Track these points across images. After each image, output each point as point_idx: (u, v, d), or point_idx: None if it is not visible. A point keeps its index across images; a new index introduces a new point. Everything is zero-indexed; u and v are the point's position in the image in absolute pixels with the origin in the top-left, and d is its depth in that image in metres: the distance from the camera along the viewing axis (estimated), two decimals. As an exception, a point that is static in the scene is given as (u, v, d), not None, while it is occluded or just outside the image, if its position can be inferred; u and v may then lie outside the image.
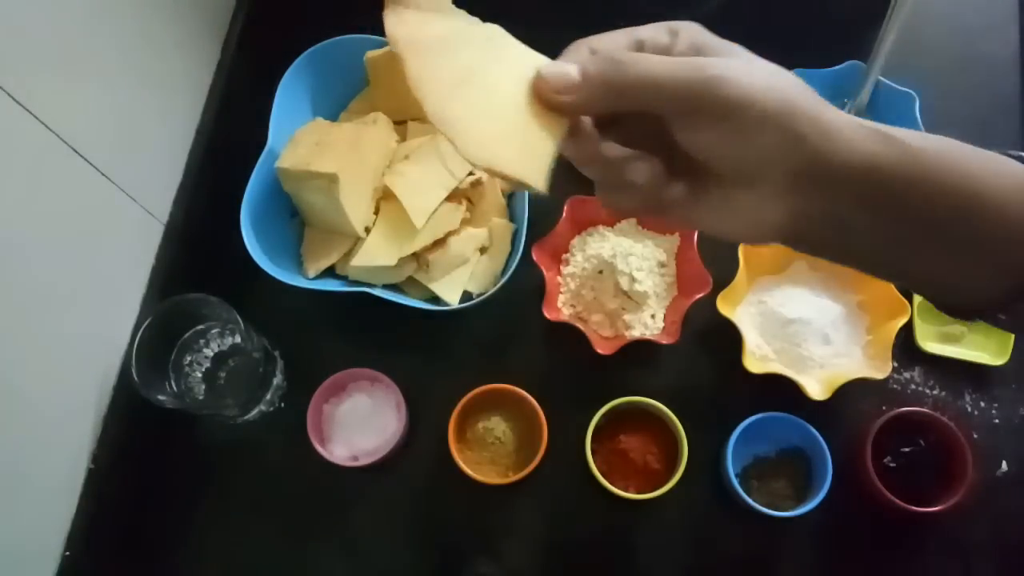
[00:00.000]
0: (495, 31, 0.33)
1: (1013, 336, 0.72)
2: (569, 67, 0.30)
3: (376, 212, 0.71)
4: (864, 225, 0.30)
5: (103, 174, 0.64)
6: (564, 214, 0.74)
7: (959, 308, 0.33)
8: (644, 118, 0.31)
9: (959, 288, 0.32)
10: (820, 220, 0.31)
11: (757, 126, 0.28)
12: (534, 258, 0.72)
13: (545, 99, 0.31)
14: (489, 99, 0.30)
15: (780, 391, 0.69)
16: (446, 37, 0.31)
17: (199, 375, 0.68)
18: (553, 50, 0.32)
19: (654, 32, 0.32)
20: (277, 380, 0.72)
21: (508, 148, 0.30)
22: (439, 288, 0.71)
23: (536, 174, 0.30)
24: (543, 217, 0.73)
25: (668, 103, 0.29)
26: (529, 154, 0.30)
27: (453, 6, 0.32)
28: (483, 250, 0.74)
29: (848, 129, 0.29)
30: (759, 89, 0.28)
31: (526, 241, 0.71)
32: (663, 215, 0.32)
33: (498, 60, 0.31)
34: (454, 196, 0.71)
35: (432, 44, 0.30)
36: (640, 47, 0.32)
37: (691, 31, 0.32)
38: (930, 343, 0.74)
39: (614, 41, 0.32)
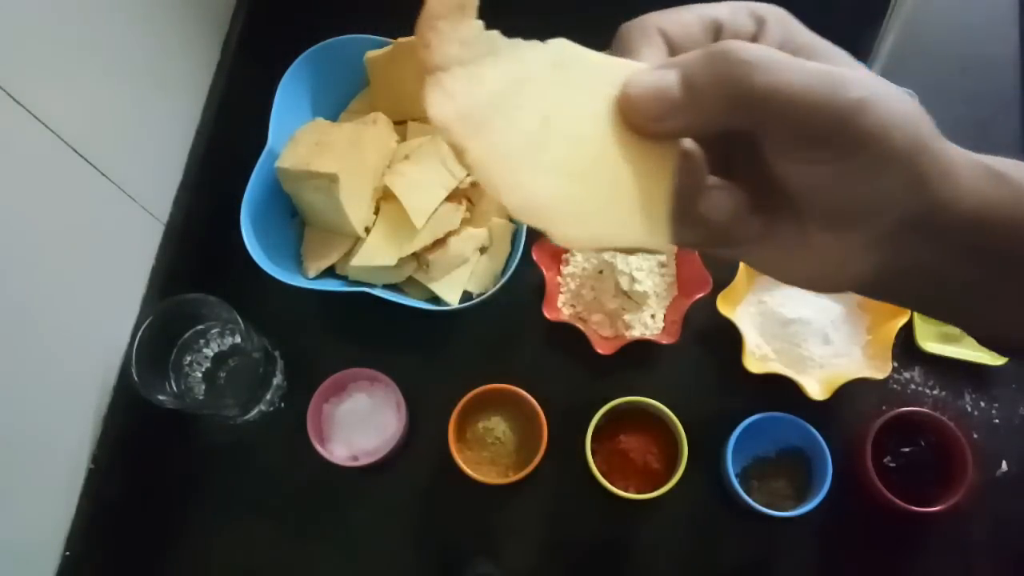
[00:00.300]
0: (561, 49, 0.24)
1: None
2: (665, 77, 0.23)
3: (376, 212, 0.71)
4: (963, 277, 0.26)
5: (103, 174, 0.64)
6: (564, 214, 0.74)
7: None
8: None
9: None
10: (912, 272, 0.26)
11: (884, 164, 0.22)
12: (534, 258, 0.72)
13: (639, 129, 0.23)
14: (575, 153, 0.23)
15: (780, 391, 0.69)
16: (505, 89, 0.23)
17: (199, 375, 0.69)
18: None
19: (732, 14, 0.25)
20: (277, 380, 0.72)
21: (615, 213, 0.23)
22: (439, 288, 0.71)
23: (656, 234, 0.23)
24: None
25: (794, 126, 0.22)
26: (642, 211, 0.23)
27: (504, 38, 0.24)
28: (483, 250, 0.74)
29: (965, 168, 0.24)
30: (895, 119, 0.22)
31: (526, 241, 0.71)
32: (722, 254, 0.27)
33: (575, 90, 0.24)
34: (454, 196, 0.71)
35: (491, 108, 0.23)
36: (716, 32, 0.25)
37: (781, 20, 0.25)
38: (930, 343, 0.74)
39: (684, 23, 0.25)
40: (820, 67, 0.22)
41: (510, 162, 0.22)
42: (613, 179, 0.23)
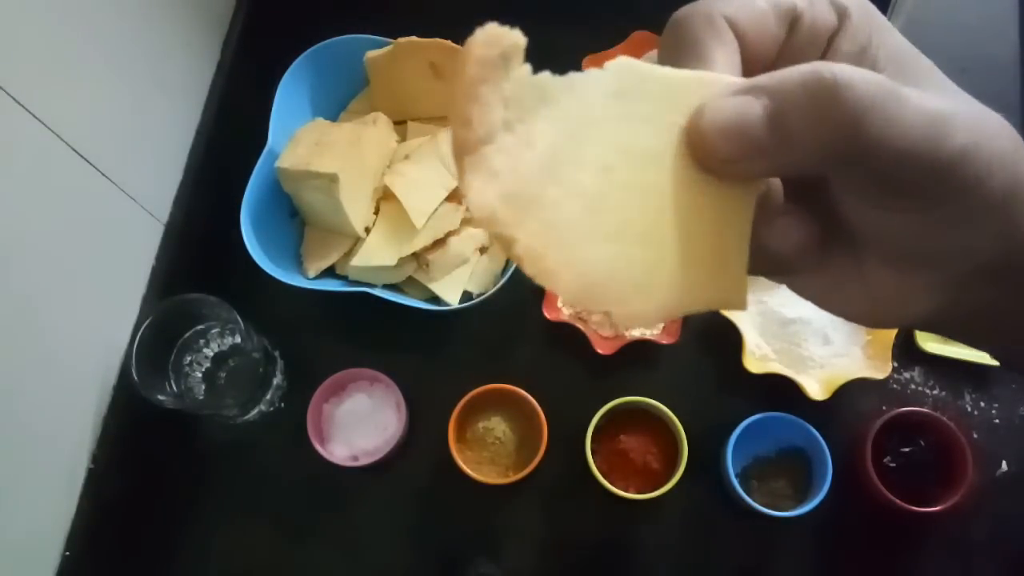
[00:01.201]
0: (623, 72, 0.19)
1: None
2: (748, 110, 0.18)
3: (376, 212, 0.71)
4: None
5: (103, 174, 0.64)
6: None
7: None
8: None
9: None
10: (979, 313, 0.23)
11: (977, 214, 0.20)
12: (534, 258, 0.72)
13: (712, 170, 0.19)
14: (638, 208, 0.19)
15: (780, 391, 0.69)
16: (558, 143, 0.18)
17: (199, 375, 0.69)
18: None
19: (810, 3, 0.21)
20: (277, 380, 0.72)
21: (685, 276, 0.19)
22: (439, 288, 0.71)
23: (734, 292, 0.20)
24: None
25: (886, 176, 0.19)
26: (716, 268, 0.20)
27: (556, 77, 0.19)
28: (483, 250, 0.74)
29: None
30: (994, 165, 0.19)
31: (526, 241, 0.71)
32: (769, 279, 0.24)
33: (639, 125, 0.19)
34: (454, 196, 0.71)
35: (542, 175, 0.18)
36: (792, 24, 0.21)
37: (867, 13, 0.22)
38: (930, 343, 0.73)
39: (757, 12, 0.21)
40: (929, 108, 0.18)
41: (565, 239, 0.18)
42: (681, 234, 0.19)
